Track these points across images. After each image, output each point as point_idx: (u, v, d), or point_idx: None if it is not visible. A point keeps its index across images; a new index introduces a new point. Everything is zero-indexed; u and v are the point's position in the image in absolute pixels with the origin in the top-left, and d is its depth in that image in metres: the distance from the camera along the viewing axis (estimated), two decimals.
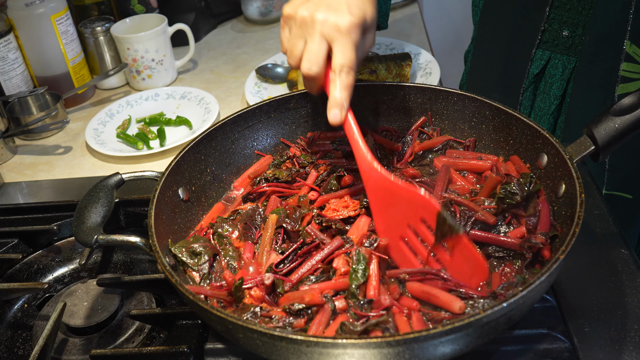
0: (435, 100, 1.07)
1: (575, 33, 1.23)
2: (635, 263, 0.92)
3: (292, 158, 1.07)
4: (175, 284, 0.75)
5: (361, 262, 0.80)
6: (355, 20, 0.85)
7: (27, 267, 1.06)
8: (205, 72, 1.77)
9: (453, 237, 0.79)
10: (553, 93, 1.30)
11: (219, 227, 0.95)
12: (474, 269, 0.80)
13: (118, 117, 1.54)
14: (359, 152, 0.87)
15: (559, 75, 1.28)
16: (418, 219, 0.82)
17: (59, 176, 1.37)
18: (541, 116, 1.34)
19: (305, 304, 0.78)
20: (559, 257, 0.70)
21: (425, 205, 0.81)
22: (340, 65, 0.85)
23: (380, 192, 0.86)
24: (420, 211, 0.81)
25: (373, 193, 0.87)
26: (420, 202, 0.81)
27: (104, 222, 0.87)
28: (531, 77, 1.31)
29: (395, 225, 0.85)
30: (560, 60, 1.27)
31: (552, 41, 1.26)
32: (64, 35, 1.58)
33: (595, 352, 0.80)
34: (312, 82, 0.88)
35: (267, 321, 0.78)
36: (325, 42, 0.86)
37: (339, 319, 0.77)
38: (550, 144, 0.89)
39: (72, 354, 0.90)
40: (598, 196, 1.06)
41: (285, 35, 0.90)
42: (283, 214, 0.92)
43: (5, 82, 1.54)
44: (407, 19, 1.93)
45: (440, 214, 0.79)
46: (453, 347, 0.68)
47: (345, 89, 0.85)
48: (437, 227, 0.80)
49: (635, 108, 0.83)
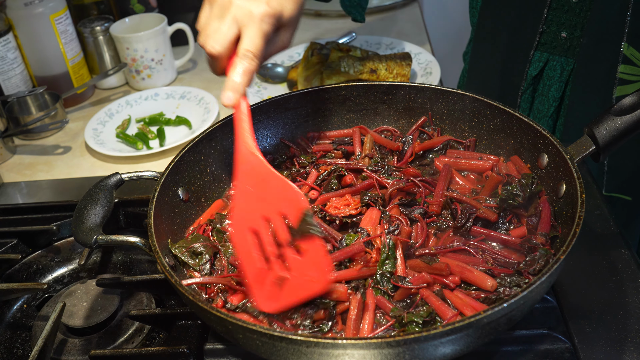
0: (435, 100, 1.07)
1: (573, 35, 1.22)
2: (636, 263, 0.92)
3: (292, 158, 1.06)
4: (175, 284, 0.75)
5: (392, 249, 0.82)
6: (270, 10, 0.86)
7: (27, 268, 1.06)
8: (205, 72, 1.77)
9: (309, 238, 0.77)
10: (552, 95, 1.30)
11: (218, 223, 0.94)
12: (316, 273, 0.77)
13: (117, 117, 1.54)
14: (242, 133, 0.85)
15: (557, 77, 1.28)
16: (279, 213, 0.80)
17: (58, 176, 1.37)
18: (540, 118, 1.34)
19: (332, 300, 0.79)
20: (560, 257, 0.70)
21: (294, 200, 0.79)
22: (244, 50, 0.85)
23: (252, 177, 0.83)
24: (286, 205, 0.79)
25: (244, 177, 0.84)
26: (290, 196, 0.79)
27: (104, 222, 0.87)
28: (529, 79, 1.31)
29: (252, 214, 0.82)
30: (559, 62, 1.27)
31: (550, 43, 1.26)
32: (63, 34, 1.58)
33: (596, 352, 0.80)
34: (215, 62, 0.89)
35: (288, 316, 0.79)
36: (235, 26, 0.86)
37: (369, 311, 0.79)
38: (550, 144, 0.89)
39: (71, 355, 0.90)
40: (599, 196, 1.06)
41: (205, 13, 0.91)
42: None
43: (4, 81, 1.54)
44: (407, 19, 1.93)
45: (307, 212, 0.77)
46: (454, 347, 0.68)
47: (244, 74, 0.86)
48: (300, 224, 0.77)
49: (636, 108, 0.83)
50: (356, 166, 1.00)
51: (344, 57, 1.46)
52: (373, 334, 0.77)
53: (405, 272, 0.82)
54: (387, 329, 0.77)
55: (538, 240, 0.82)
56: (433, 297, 0.78)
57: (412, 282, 0.79)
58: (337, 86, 1.10)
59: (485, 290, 0.78)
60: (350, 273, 0.82)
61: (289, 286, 0.78)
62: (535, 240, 0.82)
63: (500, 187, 0.90)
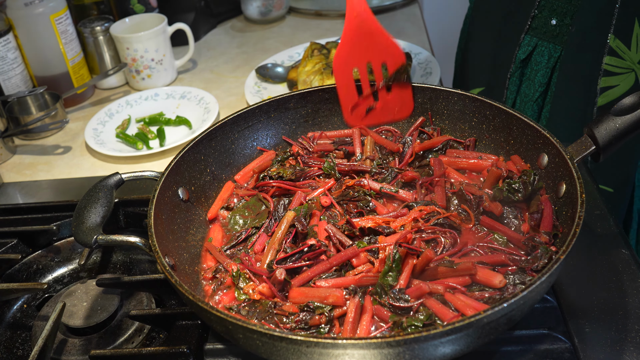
0: (435, 100, 1.07)
1: (563, 22, 1.23)
2: (636, 263, 0.92)
3: (295, 156, 1.06)
4: (175, 284, 0.75)
5: (397, 262, 0.80)
6: None
7: (27, 268, 1.06)
8: (205, 72, 1.77)
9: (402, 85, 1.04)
10: (538, 80, 1.31)
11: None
12: (401, 107, 1.06)
13: (117, 117, 1.54)
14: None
15: (544, 62, 1.29)
16: (379, 61, 1.03)
17: (58, 176, 1.37)
18: (526, 102, 1.35)
19: (328, 304, 0.78)
20: (560, 257, 0.70)
21: (396, 54, 1.03)
22: None
23: (361, 30, 1.02)
24: (387, 55, 1.03)
25: (354, 30, 1.02)
26: (393, 50, 1.02)
27: (104, 222, 0.87)
28: (518, 62, 1.32)
29: (356, 57, 1.03)
30: (547, 47, 1.28)
31: (540, 28, 1.27)
32: (64, 34, 1.58)
33: (596, 352, 0.80)
34: None
35: (283, 320, 0.79)
36: None
37: (366, 315, 0.78)
38: (550, 144, 0.89)
39: (71, 355, 0.90)
40: (599, 196, 1.06)
41: None
42: (303, 212, 0.92)
43: (4, 81, 1.54)
44: (407, 18, 1.93)
45: (404, 64, 1.03)
46: (454, 347, 0.68)
47: None
48: (396, 71, 1.03)
49: (636, 108, 0.83)
50: (360, 168, 1.00)
51: None
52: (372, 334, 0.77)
53: (407, 282, 0.81)
54: (386, 330, 0.77)
55: (542, 239, 0.82)
56: (432, 301, 0.77)
57: (410, 295, 0.78)
58: None
59: (492, 287, 0.78)
60: (347, 281, 0.82)
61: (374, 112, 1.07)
62: (539, 238, 0.82)
63: (501, 181, 0.90)
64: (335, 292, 0.79)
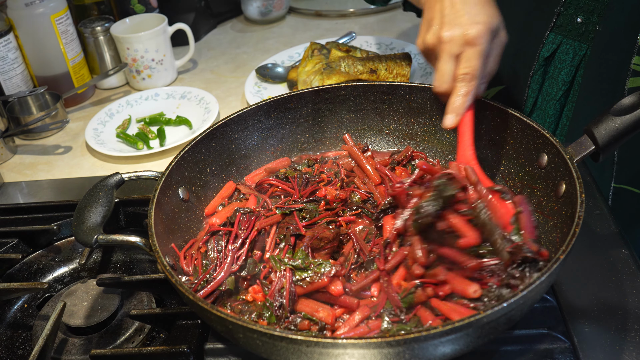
0: (435, 100, 1.07)
1: (589, 20, 1.20)
2: (636, 263, 0.92)
3: (313, 164, 1.08)
4: (175, 284, 0.75)
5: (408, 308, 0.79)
6: (484, 28, 0.91)
7: (27, 267, 1.06)
8: (205, 72, 1.77)
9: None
10: (561, 79, 1.28)
11: None
12: None
13: (118, 117, 1.54)
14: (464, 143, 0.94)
15: (569, 60, 1.26)
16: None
17: (58, 176, 1.37)
18: (548, 101, 1.32)
19: (318, 319, 0.79)
20: (559, 257, 0.70)
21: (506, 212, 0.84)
22: (462, 75, 0.92)
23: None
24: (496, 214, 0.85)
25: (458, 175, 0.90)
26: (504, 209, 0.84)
27: (104, 222, 0.87)
28: (541, 60, 1.29)
29: None
30: (572, 46, 1.25)
31: (565, 26, 1.24)
32: (64, 35, 1.58)
33: (595, 352, 0.80)
34: (443, 97, 0.97)
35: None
36: (452, 60, 0.93)
37: None
38: (550, 144, 0.89)
39: (72, 354, 0.90)
40: (599, 196, 1.06)
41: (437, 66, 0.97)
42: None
43: (5, 81, 1.54)
44: (407, 19, 1.93)
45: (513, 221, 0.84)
46: (453, 347, 0.68)
47: (464, 96, 0.93)
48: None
49: (636, 108, 0.83)
50: None
51: (344, 57, 1.46)
52: (370, 334, 0.77)
53: None
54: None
55: (532, 248, 0.76)
56: (422, 309, 0.78)
57: None
58: (337, 86, 1.10)
59: (467, 298, 0.77)
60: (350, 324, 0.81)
61: None
62: (529, 247, 0.76)
63: None
64: (321, 313, 0.79)
